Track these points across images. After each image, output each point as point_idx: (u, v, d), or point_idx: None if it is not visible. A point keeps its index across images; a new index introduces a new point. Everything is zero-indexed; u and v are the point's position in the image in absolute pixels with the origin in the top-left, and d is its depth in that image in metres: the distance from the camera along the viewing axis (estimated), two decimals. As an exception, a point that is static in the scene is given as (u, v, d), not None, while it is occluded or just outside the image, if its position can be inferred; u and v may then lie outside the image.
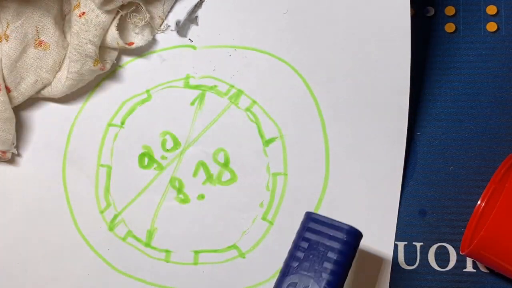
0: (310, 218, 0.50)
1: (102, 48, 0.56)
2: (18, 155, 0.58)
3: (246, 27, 0.57)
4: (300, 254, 0.49)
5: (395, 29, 0.56)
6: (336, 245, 0.48)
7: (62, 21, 0.57)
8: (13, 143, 0.57)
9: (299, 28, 0.57)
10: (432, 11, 0.58)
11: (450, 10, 0.58)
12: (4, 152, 0.57)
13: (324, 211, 0.57)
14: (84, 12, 0.55)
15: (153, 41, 0.58)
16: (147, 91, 0.58)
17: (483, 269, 0.56)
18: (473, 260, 0.56)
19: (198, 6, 0.58)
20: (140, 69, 0.58)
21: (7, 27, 0.54)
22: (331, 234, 0.49)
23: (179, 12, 0.58)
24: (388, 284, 0.57)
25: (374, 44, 0.56)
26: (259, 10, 0.57)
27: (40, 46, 0.55)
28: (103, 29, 0.55)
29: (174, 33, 0.58)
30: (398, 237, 0.57)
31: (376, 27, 0.56)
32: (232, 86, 0.58)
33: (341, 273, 0.48)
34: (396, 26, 0.56)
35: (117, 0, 0.55)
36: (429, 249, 0.57)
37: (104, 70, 0.56)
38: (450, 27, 0.58)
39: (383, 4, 0.56)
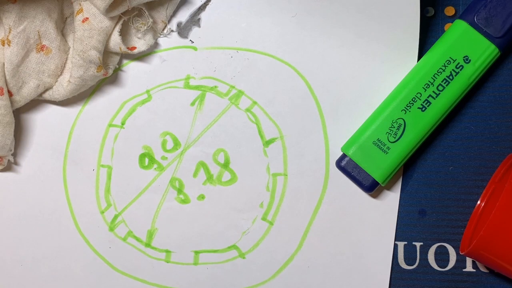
0: None
1: (105, 53, 0.56)
2: (15, 163, 0.58)
3: (250, 30, 0.58)
4: None
5: (404, 32, 0.56)
6: None
7: (62, 24, 0.57)
8: (11, 150, 0.57)
9: (306, 31, 0.57)
10: (432, 11, 0.58)
11: (450, 10, 0.58)
12: (1, 158, 0.57)
13: (324, 212, 0.57)
14: (87, 18, 0.55)
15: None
16: (147, 91, 0.58)
17: (482, 269, 0.56)
18: (472, 260, 0.56)
19: (201, 9, 0.58)
20: (140, 69, 0.58)
21: (10, 32, 0.55)
22: None
23: (182, 15, 0.58)
24: (388, 284, 0.57)
25: (381, 46, 0.56)
26: (265, 14, 0.57)
27: (42, 50, 0.56)
28: (106, 34, 0.55)
29: (175, 34, 0.58)
30: (398, 237, 0.57)
31: (384, 29, 0.56)
32: (233, 87, 0.58)
33: None
34: (405, 29, 0.56)
35: (122, 6, 0.55)
36: (429, 249, 0.57)
37: (106, 76, 0.57)
38: (450, 27, 0.58)
39: (393, 7, 0.56)
